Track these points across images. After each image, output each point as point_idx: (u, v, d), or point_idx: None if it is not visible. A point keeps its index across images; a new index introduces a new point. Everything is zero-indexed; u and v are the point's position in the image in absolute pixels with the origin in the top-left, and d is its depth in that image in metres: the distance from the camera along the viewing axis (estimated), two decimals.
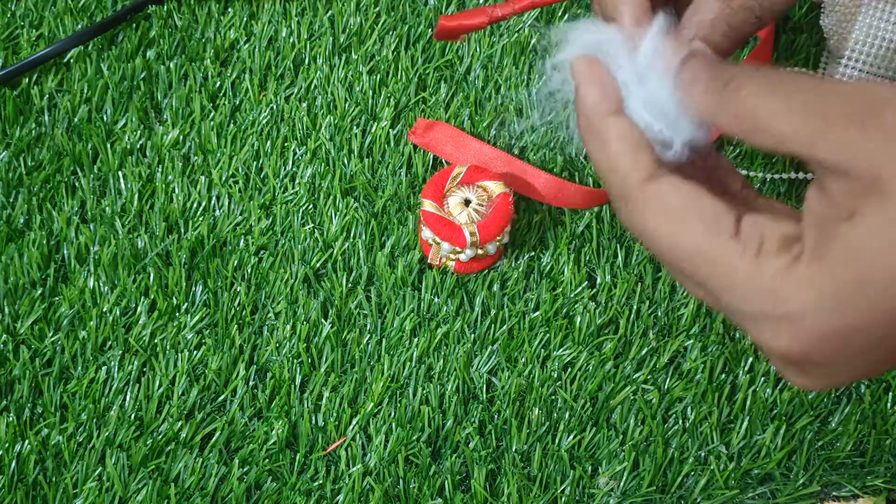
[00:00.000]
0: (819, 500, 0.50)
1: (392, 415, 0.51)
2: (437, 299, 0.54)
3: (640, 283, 0.55)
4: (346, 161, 0.59)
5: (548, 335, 0.53)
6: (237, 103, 0.61)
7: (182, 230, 0.56)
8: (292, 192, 0.58)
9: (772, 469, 0.50)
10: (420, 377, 0.52)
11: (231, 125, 0.60)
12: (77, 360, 0.53)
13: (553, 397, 0.52)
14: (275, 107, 0.61)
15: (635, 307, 0.54)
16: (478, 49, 0.63)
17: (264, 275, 0.55)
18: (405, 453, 0.50)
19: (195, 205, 0.57)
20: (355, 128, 0.60)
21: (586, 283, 0.55)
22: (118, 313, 0.54)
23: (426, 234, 0.54)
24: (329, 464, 0.50)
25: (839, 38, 0.59)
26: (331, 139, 0.59)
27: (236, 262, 0.55)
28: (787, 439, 0.50)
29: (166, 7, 0.64)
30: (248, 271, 0.55)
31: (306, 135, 0.60)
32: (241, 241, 0.56)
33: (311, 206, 0.57)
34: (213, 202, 0.58)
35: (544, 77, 0.33)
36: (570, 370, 0.53)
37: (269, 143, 0.59)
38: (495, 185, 0.54)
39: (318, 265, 0.55)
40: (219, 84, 0.62)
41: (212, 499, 0.49)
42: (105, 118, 0.61)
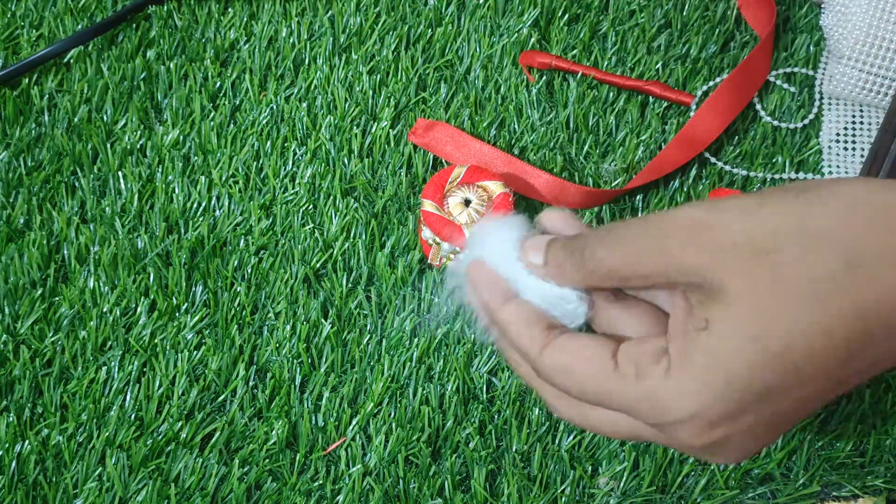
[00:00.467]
0: (819, 500, 0.50)
1: (392, 415, 0.51)
2: (437, 299, 0.54)
3: None
4: (346, 161, 0.59)
5: None
6: (237, 103, 0.61)
7: (182, 230, 0.56)
8: (292, 192, 0.58)
9: (772, 469, 0.50)
10: (420, 377, 0.52)
11: (231, 125, 0.60)
12: (77, 360, 0.53)
13: None
14: (275, 107, 0.61)
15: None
16: (478, 49, 0.63)
17: (264, 275, 0.55)
18: (405, 453, 0.50)
19: (195, 205, 0.57)
20: (355, 128, 0.60)
21: None
22: (118, 313, 0.54)
23: (426, 234, 0.54)
24: (329, 464, 0.50)
25: (839, 38, 0.59)
26: (331, 139, 0.59)
27: (236, 262, 0.55)
28: (787, 439, 0.50)
29: (166, 7, 0.64)
30: (248, 271, 0.55)
31: (306, 135, 0.60)
32: (241, 241, 0.56)
33: (311, 206, 0.57)
34: (213, 202, 0.58)
35: (446, 278, 0.39)
36: None
37: (269, 143, 0.59)
38: (495, 185, 0.54)
39: (318, 265, 0.55)
40: (219, 84, 0.62)
41: (212, 499, 0.49)
42: (105, 118, 0.61)
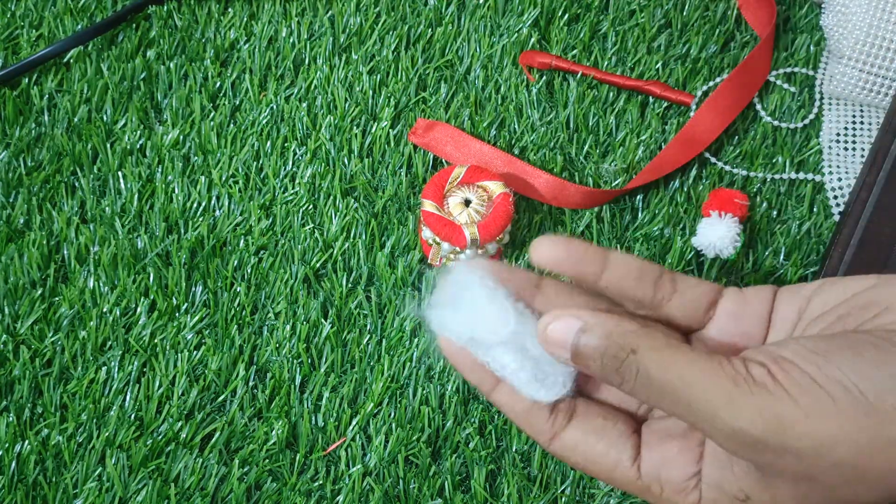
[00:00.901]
0: None
1: (392, 415, 0.51)
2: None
3: None
4: (346, 161, 0.59)
5: None
6: (237, 103, 0.61)
7: (182, 230, 0.56)
8: (292, 192, 0.58)
9: None
10: (420, 377, 0.52)
11: (231, 125, 0.60)
12: (77, 360, 0.53)
13: None
14: (275, 107, 0.61)
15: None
16: (478, 49, 0.63)
17: (264, 275, 0.55)
18: (405, 453, 0.50)
19: (195, 205, 0.57)
20: (355, 128, 0.60)
21: None
22: (118, 313, 0.54)
23: (426, 234, 0.54)
24: (329, 464, 0.50)
25: (839, 38, 0.59)
26: (331, 139, 0.59)
27: (236, 262, 0.55)
28: None
29: (166, 7, 0.64)
30: (248, 271, 0.55)
31: (306, 135, 0.60)
32: (241, 241, 0.56)
33: (311, 206, 0.57)
34: (213, 202, 0.58)
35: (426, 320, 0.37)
36: None
37: (269, 143, 0.59)
38: (495, 185, 0.54)
39: (318, 265, 0.55)
40: (219, 84, 0.62)
41: (212, 499, 0.49)
42: (105, 118, 0.61)
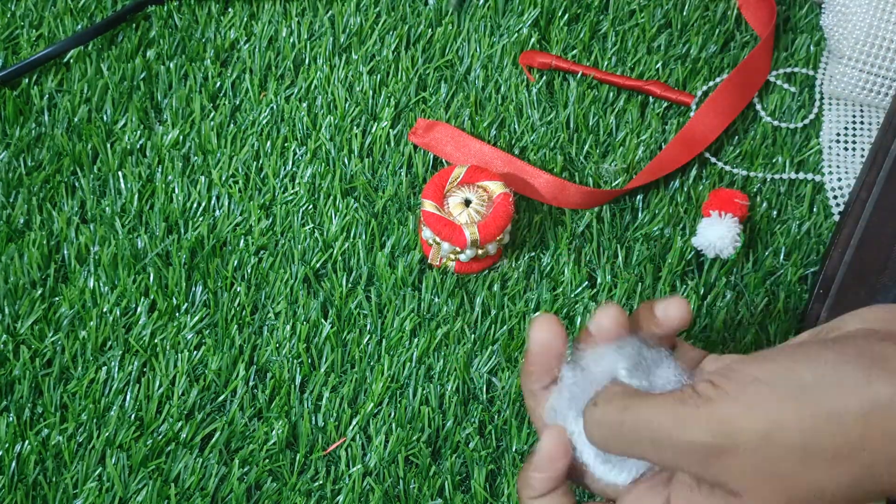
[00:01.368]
0: None
1: (392, 415, 0.51)
2: (437, 299, 0.54)
3: (640, 283, 0.55)
4: (346, 161, 0.59)
5: None
6: (237, 103, 0.61)
7: (182, 230, 0.56)
8: (292, 192, 0.58)
9: None
10: (420, 377, 0.52)
11: (231, 125, 0.60)
12: (77, 360, 0.53)
13: None
14: (275, 107, 0.61)
15: (636, 307, 0.54)
16: (478, 49, 0.63)
17: (264, 275, 0.55)
18: (405, 453, 0.50)
19: (195, 205, 0.57)
20: (355, 128, 0.60)
21: (587, 283, 0.55)
22: (118, 313, 0.54)
23: (426, 234, 0.54)
24: (329, 464, 0.50)
25: (839, 38, 0.59)
26: (331, 139, 0.59)
27: (236, 262, 0.55)
28: None
29: (166, 7, 0.64)
30: (248, 271, 0.55)
31: (306, 135, 0.60)
32: (241, 241, 0.56)
33: (311, 206, 0.57)
34: (213, 202, 0.58)
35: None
36: None
37: (269, 143, 0.59)
38: (495, 185, 0.54)
39: (318, 265, 0.55)
40: (219, 84, 0.62)
41: (212, 499, 0.49)
42: (105, 118, 0.61)
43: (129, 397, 0.51)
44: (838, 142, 0.60)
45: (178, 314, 0.54)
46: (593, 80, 0.62)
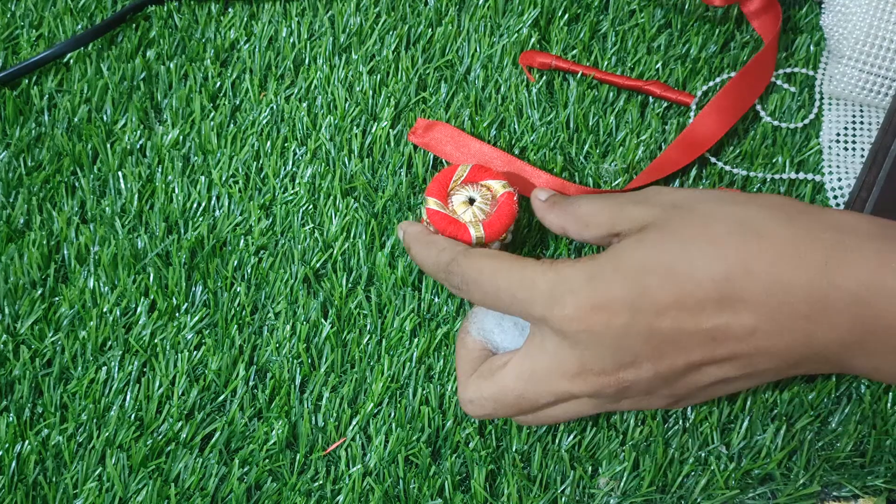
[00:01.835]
0: (819, 501, 0.50)
1: (392, 415, 0.51)
2: (437, 299, 0.54)
3: None
4: (346, 161, 0.59)
5: None
6: (237, 103, 0.61)
7: (182, 230, 0.56)
8: (292, 192, 0.58)
9: (772, 469, 0.50)
10: (420, 377, 0.52)
11: (231, 125, 0.60)
12: (77, 360, 0.53)
13: None
14: (275, 107, 0.61)
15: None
16: (478, 49, 0.63)
17: (264, 275, 0.55)
18: (405, 453, 0.50)
19: (195, 205, 0.57)
20: (355, 128, 0.60)
21: None
22: (118, 313, 0.54)
23: None
24: (329, 464, 0.50)
25: (839, 38, 0.59)
26: (331, 139, 0.59)
27: (236, 262, 0.55)
28: (788, 440, 0.50)
29: (166, 7, 0.64)
30: (248, 271, 0.55)
31: (306, 135, 0.60)
32: (241, 241, 0.56)
33: (311, 206, 0.57)
34: (213, 202, 0.58)
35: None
36: None
37: (269, 143, 0.59)
38: (499, 184, 0.54)
39: (318, 265, 0.55)
40: (219, 84, 0.62)
41: (212, 499, 0.49)
42: (105, 118, 0.61)
43: (129, 397, 0.51)
44: (838, 142, 0.60)
45: (178, 314, 0.54)
46: (593, 80, 0.62)
